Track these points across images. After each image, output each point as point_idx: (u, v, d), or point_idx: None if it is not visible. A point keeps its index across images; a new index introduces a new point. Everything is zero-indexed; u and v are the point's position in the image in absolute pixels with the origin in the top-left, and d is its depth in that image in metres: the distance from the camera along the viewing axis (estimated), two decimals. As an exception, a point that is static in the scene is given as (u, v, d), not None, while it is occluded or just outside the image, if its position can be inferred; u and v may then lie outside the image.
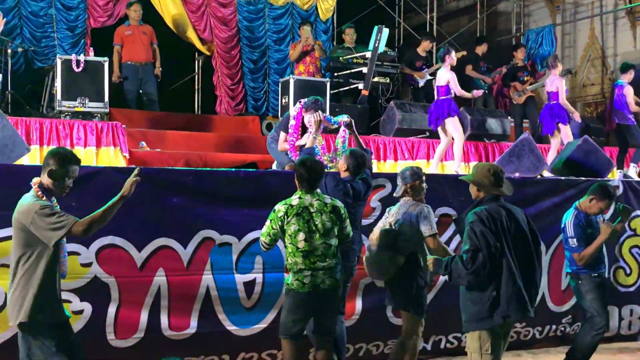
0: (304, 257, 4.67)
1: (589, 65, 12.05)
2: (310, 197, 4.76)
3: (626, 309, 7.21)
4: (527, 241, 4.36)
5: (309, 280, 4.67)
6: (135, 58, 9.28)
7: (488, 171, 4.43)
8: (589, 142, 7.59)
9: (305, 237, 4.66)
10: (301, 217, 4.68)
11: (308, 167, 4.75)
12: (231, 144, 8.75)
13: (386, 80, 10.35)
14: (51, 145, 7.37)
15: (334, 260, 4.75)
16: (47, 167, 3.94)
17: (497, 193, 4.43)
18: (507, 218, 4.31)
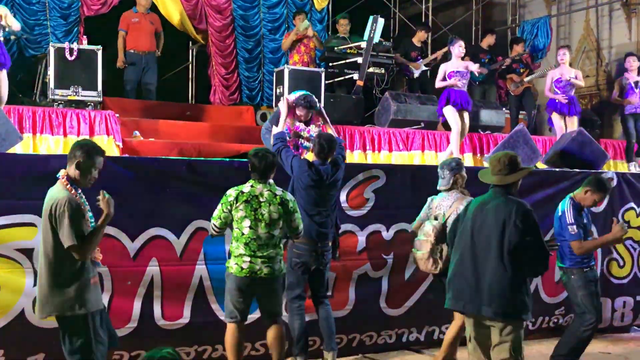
0: (245, 244, 4.86)
1: (584, 57, 12.04)
2: (262, 186, 4.91)
3: (619, 301, 7.24)
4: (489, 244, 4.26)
5: (247, 267, 4.86)
6: (139, 47, 9.23)
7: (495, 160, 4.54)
8: (584, 134, 7.60)
9: (250, 225, 4.84)
10: (249, 205, 4.85)
11: (260, 157, 4.91)
12: (225, 134, 8.72)
13: (381, 70, 10.31)
14: (44, 134, 7.33)
15: (275, 250, 4.93)
16: (74, 158, 4.03)
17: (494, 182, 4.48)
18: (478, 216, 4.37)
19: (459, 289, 4.40)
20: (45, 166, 5.09)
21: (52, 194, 4.02)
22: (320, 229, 5.40)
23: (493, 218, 4.30)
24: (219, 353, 5.60)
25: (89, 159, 4.05)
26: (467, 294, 4.34)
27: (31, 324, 4.98)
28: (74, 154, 4.05)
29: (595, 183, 5.61)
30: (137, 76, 9.28)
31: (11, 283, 4.95)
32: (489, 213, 4.33)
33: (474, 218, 4.39)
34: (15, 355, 4.99)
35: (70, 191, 3.99)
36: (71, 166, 4.05)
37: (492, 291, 4.25)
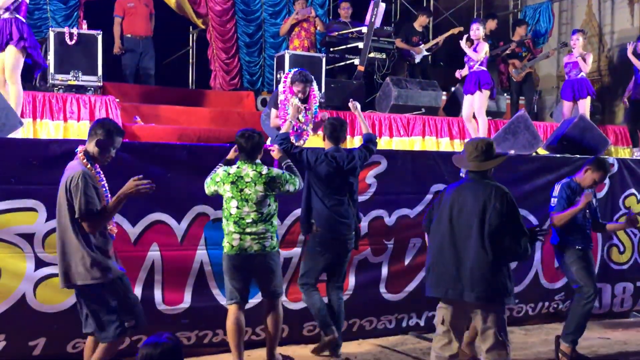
0: (234, 222, 4.94)
1: (586, 42, 11.98)
2: (247, 167, 4.99)
3: (619, 287, 7.26)
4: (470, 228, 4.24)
5: (237, 244, 4.94)
6: (136, 31, 9.20)
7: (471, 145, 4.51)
8: (585, 120, 7.58)
9: (237, 205, 4.93)
10: (235, 186, 4.94)
11: (246, 137, 4.99)
12: (226, 119, 8.70)
13: (382, 55, 10.27)
14: (45, 119, 7.32)
15: (265, 226, 4.96)
16: (94, 136, 4.18)
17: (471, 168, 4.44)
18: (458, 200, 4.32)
19: (439, 275, 4.34)
20: (45, 151, 5.09)
21: (68, 169, 4.16)
22: (340, 219, 5.39)
23: (472, 202, 4.27)
24: (219, 338, 5.62)
25: (109, 137, 4.18)
26: (449, 280, 4.29)
27: (32, 309, 5.00)
28: (95, 132, 4.18)
29: (595, 162, 5.68)
30: (135, 61, 9.25)
31: (12, 268, 4.96)
32: (468, 198, 4.30)
33: (451, 204, 4.34)
34: (16, 340, 5.01)
35: (86, 166, 4.13)
36: (91, 143, 4.19)
37: (474, 276, 4.22)
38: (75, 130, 7.37)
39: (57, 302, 5.06)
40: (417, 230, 6.19)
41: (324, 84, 8.88)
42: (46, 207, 4.98)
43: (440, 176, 6.38)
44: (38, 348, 5.08)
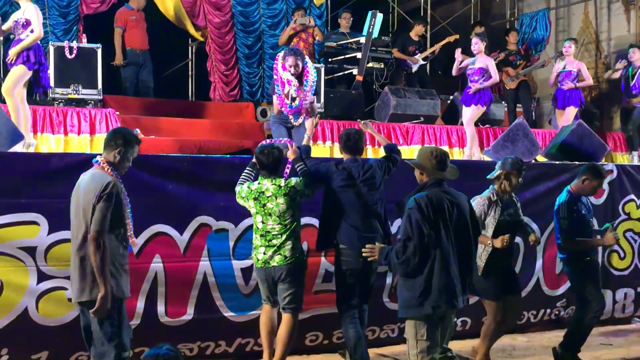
0: (260, 236, 5.07)
1: (583, 49, 12.02)
2: (267, 181, 5.06)
3: (620, 292, 7.26)
4: (467, 229, 4.30)
5: (262, 257, 5.06)
6: (137, 45, 9.24)
7: (431, 154, 4.34)
8: (583, 126, 7.60)
9: (262, 220, 5.05)
10: (258, 202, 5.05)
11: (266, 154, 5.08)
12: (225, 131, 8.72)
13: (380, 65, 10.31)
14: (45, 132, 7.33)
15: (289, 238, 5.02)
16: (114, 146, 4.17)
17: (440, 177, 4.33)
18: (449, 204, 4.23)
19: (450, 287, 4.17)
20: (46, 165, 5.11)
21: (95, 178, 4.07)
22: (362, 234, 5.15)
23: (463, 210, 4.30)
24: (222, 349, 5.62)
25: (130, 147, 4.22)
26: (456, 290, 4.20)
27: (35, 322, 5.00)
28: (115, 142, 4.17)
29: (591, 170, 5.69)
30: (135, 74, 9.29)
31: (14, 281, 4.97)
32: (457, 206, 4.28)
33: (448, 214, 4.21)
34: (19, 354, 5.01)
35: (111, 175, 4.10)
36: (111, 152, 4.17)
37: (471, 281, 4.36)
38: (76, 144, 7.39)
39: (60, 316, 5.07)
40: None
41: (323, 94, 8.90)
42: (48, 220, 5.00)
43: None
44: (41, 361, 5.09)
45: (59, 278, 5.05)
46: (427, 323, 4.19)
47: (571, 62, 9.43)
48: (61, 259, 5.03)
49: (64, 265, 5.03)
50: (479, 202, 5.22)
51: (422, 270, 4.15)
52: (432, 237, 4.14)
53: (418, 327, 4.20)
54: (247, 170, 5.30)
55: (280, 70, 6.55)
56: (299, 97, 6.52)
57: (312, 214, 5.74)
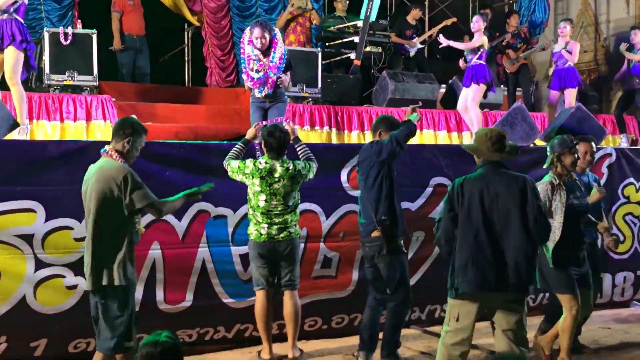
0: (262, 214, 5.16)
1: (582, 32, 11.97)
2: (276, 163, 5.16)
3: (619, 276, 7.26)
4: (508, 216, 4.16)
5: (265, 232, 5.16)
6: (134, 30, 9.19)
7: (485, 136, 4.30)
8: (582, 110, 7.57)
9: (265, 199, 5.14)
10: (264, 181, 5.13)
11: (277, 138, 5.17)
12: (222, 116, 8.68)
13: (378, 49, 10.25)
14: (41, 119, 7.28)
15: (291, 216, 5.21)
16: (123, 135, 4.21)
17: (494, 159, 4.27)
18: (489, 189, 4.17)
19: (480, 269, 4.14)
20: (43, 152, 5.08)
21: (106, 168, 4.12)
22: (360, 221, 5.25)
23: (506, 193, 4.18)
24: (220, 335, 5.62)
25: (138, 136, 4.26)
26: (491, 273, 4.13)
27: (33, 310, 5.00)
28: (124, 131, 4.21)
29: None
30: (132, 60, 9.23)
31: (12, 269, 4.95)
32: (499, 188, 4.19)
33: (480, 196, 4.18)
34: (17, 342, 5.01)
35: (124, 164, 4.16)
36: (120, 142, 4.20)
37: (520, 266, 4.15)
38: (72, 131, 7.35)
39: (58, 303, 5.07)
40: (420, 224, 6.19)
41: (320, 79, 8.85)
42: (44, 207, 4.98)
43: (439, 169, 6.38)
44: (39, 349, 5.08)
45: (56, 266, 5.05)
46: (460, 305, 4.23)
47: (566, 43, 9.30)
48: (58, 247, 5.04)
49: (61, 253, 5.05)
50: (541, 189, 4.94)
51: (454, 251, 4.24)
52: (456, 219, 4.18)
53: (452, 308, 4.28)
54: (238, 146, 5.37)
55: (246, 45, 6.48)
56: (263, 70, 6.42)
57: (312, 199, 5.73)
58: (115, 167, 4.10)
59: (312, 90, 8.72)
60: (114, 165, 4.12)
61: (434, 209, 6.25)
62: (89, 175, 4.22)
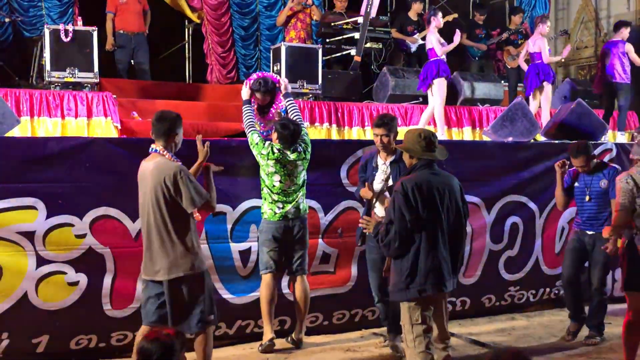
0: (277, 193, 5.38)
1: (583, 27, 11.97)
2: (288, 151, 5.36)
3: (619, 271, 7.24)
4: (458, 211, 4.26)
5: (280, 211, 5.38)
6: (128, 27, 9.15)
7: (419, 136, 4.25)
8: (582, 105, 7.57)
9: (280, 179, 5.35)
10: (279, 163, 5.33)
11: (291, 130, 5.33)
12: (223, 113, 8.69)
13: (379, 45, 10.25)
14: (42, 116, 7.29)
15: (301, 192, 5.47)
16: (174, 132, 4.36)
17: (430, 158, 4.25)
18: (439, 186, 4.18)
19: (437, 270, 4.14)
20: (43, 149, 5.09)
21: (164, 167, 4.26)
22: None
23: (453, 191, 4.24)
24: (222, 331, 5.63)
25: (180, 127, 4.43)
26: (444, 273, 4.16)
27: (35, 307, 5.01)
28: (171, 129, 4.34)
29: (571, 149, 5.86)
30: (127, 57, 9.20)
31: (13, 266, 4.96)
32: (448, 188, 4.22)
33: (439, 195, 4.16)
34: (19, 338, 5.02)
35: (175, 161, 4.32)
36: (170, 138, 4.34)
37: (460, 263, 4.34)
38: (73, 127, 7.36)
39: (59, 300, 5.07)
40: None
41: (321, 75, 8.86)
42: (46, 204, 4.99)
43: (438, 165, 6.36)
44: (41, 345, 5.10)
45: (58, 262, 5.06)
46: (420, 307, 4.16)
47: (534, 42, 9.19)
48: (60, 244, 5.05)
49: (63, 250, 5.06)
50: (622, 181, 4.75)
51: (408, 254, 4.13)
52: (416, 221, 4.08)
53: (412, 312, 4.17)
54: (248, 112, 5.65)
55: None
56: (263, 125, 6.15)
57: (311, 195, 5.74)
58: (170, 168, 4.25)
59: (313, 86, 8.73)
60: (170, 164, 4.28)
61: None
62: (144, 173, 4.38)
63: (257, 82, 5.86)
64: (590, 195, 5.79)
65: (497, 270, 6.65)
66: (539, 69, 8.94)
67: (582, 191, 5.86)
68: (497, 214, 6.58)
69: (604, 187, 5.77)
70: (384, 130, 5.14)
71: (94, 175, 5.13)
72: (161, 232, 4.32)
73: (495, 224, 6.57)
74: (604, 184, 5.78)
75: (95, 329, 5.21)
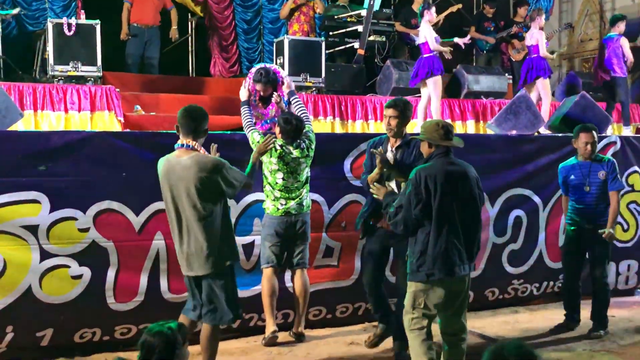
0: (280, 190, 5.39)
1: (587, 20, 11.92)
2: (291, 147, 5.37)
3: (624, 264, 7.26)
4: (474, 199, 4.38)
5: (283, 207, 5.39)
6: (143, 20, 9.16)
7: (437, 125, 4.44)
8: (587, 98, 7.54)
9: (283, 177, 5.37)
10: (282, 160, 5.34)
11: (294, 125, 5.36)
12: (226, 107, 8.68)
13: (382, 38, 10.23)
14: (46, 110, 7.32)
15: (304, 189, 5.48)
16: (205, 128, 4.42)
17: (448, 145, 4.40)
18: (454, 175, 4.31)
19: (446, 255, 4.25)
20: (47, 143, 5.09)
21: (201, 160, 4.30)
22: None
23: (468, 179, 4.36)
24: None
25: (207, 121, 4.48)
26: (455, 259, 4.27)
27: (39, 300, 5.02)
28: (201, 126, 4.38)
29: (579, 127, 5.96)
30: (138, 50, 9.22)
31: (17, 260, 4.97)
32: (463, 177, 4.34)
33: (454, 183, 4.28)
34: (23, 331, 5.04)
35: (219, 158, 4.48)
36: (201, 134, 4.40)
37: (476, 248, 4.41)
38: (77, 121, 7.38)
39: (63, 293, 5.09)
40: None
41: (324, 69, 8.85)
42: (49, 198, 5.00)
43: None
44: (46, 339, 5.11)
45: (61, 256, 5.06)
46: (426, 292, 4.29)
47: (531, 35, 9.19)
48: (63, 237, 5.06)
49: (66, 243, 5.07)
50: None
51: (420, 238, 4.30)
52: (424, 209, 4.23)
53: (417, 294, 4.33)
54: (246, 113, 5.66)
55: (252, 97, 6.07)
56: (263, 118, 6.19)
57: (315, 189, 5.74)
58: (208, 161, 4.32)
59: (316, 79, 8.73)
60: (211, 159, 4.37)
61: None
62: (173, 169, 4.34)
63: (258, 73, 5.90)
64: (589, 185, 5.80)
65: (501, 264, 6.64)
66: (533, 64, 8.92)
67: (580, 182, 5.86)
68: (501, 207, 6.57)
69: (602, 179, 5.80)
70: (393, 112, 5.02)
71: (97, 169, 5.14)
72: (204, 222, 4.33)
73: (498, 217, 6.56)
74: (602, 175, 5.80)
75: (99, 323, 5.22)
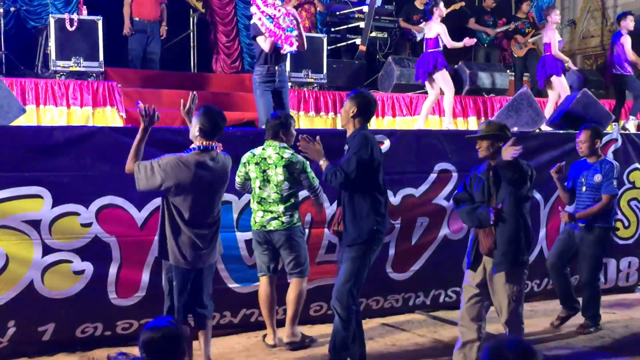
0: (258, 202, 5.23)
1: (589, 16, 11.90)
2: (271, 149, 5.20)
3: (624, 261, 7.27)
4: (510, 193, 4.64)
5: (259, 220, 5.23)
6: (144, 15, 9.17)
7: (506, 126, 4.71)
8: (588, 95, 7.54)
9: (259, 185, 5.21)
10: (259, 167, 5.20)
11: (273, 117, 5.32)
12: (227, 103, 8.69)
13: (384, 35, 10.22)
14: (48, 105, 7.31)
15: (285, 206, 5.17)
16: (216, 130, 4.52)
17: None
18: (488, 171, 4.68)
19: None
20: (49, 138, 5.10)
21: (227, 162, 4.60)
22: None
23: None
24: (227, 320, 5.66)
25: None
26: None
27: (41, 295, 5.03)
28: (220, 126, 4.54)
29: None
30: (141, 45, 9.22)
31: (19, 254, 4.98)
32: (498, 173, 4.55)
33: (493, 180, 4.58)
34: (25, 326, 5.05)
35: None
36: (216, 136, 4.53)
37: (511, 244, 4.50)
38: (79, 116, 7.38)
39: (65, 288, 5.09)
40: (424, 210, 6.21)
41: (326, 65, 8.85)
42: (51, 193, 5.00)
43: (443, 155, 6.37)
44: (47, 333, 5.13)
45: (64, 251, 5.07)
46: None
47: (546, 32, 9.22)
48: (65, 232, 5.07)
49: (68, 238, 5.08)
50: None
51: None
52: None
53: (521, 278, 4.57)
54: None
55: (262, 4, 6.42)
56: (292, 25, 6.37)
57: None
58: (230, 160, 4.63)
59: (318, 75, 8.73)
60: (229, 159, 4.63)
61: (437, 195, 6.28)
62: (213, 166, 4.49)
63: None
64: (586, 186, 5.83)
65: (502, 260, 6.64)
66: (545, 62, 8.94)
67: (580, 182, 5.90)
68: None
69: (597, 182, 5.79)
70: None
71: (99, 164, 5.15)
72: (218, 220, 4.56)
73: (500, 213, 6.56)
74: (598, 179, 5.79)
75: (101, 318, 5.23)
